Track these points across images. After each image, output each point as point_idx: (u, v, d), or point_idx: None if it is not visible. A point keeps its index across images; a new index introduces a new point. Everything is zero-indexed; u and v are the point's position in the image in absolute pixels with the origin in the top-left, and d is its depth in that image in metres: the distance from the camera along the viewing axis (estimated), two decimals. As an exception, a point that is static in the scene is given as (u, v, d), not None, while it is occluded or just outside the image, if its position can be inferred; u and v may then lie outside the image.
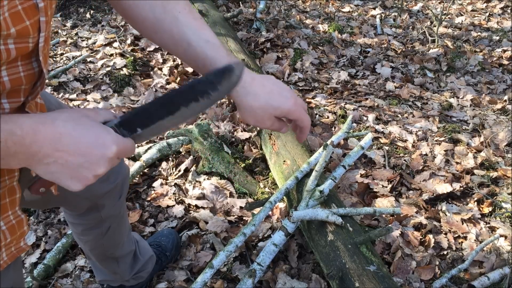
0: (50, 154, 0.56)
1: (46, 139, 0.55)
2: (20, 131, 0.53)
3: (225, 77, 0.68)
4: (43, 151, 0.55)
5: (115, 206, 1.16)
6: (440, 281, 1.53)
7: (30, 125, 0.55)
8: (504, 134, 2.41)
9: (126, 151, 0.62)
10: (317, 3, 4.60)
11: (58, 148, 0.56)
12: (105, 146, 0.59)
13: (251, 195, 1.93)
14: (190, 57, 0.76)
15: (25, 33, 0.55)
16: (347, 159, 1.77)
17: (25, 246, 0.68)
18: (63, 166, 0.57)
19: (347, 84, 3.01)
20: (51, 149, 0.56)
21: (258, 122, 0.77)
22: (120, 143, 0.61)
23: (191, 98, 0.67)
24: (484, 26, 4.32)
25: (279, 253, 1.59)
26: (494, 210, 1.93)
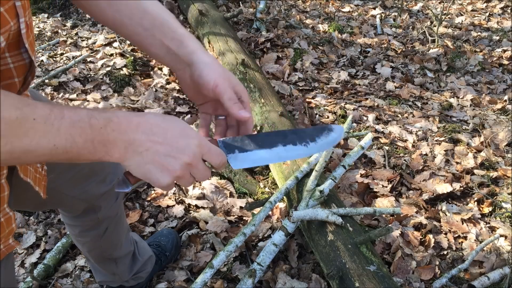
0: (143, 142, 0.59)
1: (139, 128, 0.59)
2: (116, 118, 0.57)
3: (325, 135, 0.76)
4: (137, 138, 0.58)
5: (112, 207, 1.16)
6: (440, 281, 1.53)
7: (124, 115, 0.59)
8: (504, 134, 2.41)
9: (211, 154, 0.65)
10: (317, 3, 4.60)
11: (149, 137, 0.59)
12: (189, 137, 0.62)
13: (251, 195, 1.93)
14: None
15: (3, 21, 0.55)
16: (347, 159, 1.77)
17: (14, 244, 0.68)
18: (154, 155, 0.60)
19: (347, 84, 3.01)
20: (144, 138, 0.59)
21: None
22: (203, 141, 0.64)
23: (290, 141, 0.73)
24: (484, 26, 4.32)
25: (279, 253, 1.59)
26: (494, 210, 1.93)
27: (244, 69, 2.49)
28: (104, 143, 0.56)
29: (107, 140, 0.56)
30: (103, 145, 0.56)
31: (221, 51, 2.75)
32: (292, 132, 0.75)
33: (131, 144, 0.58)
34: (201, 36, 3.14)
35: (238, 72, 2.49)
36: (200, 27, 3.16)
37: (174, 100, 2.60)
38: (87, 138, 0.54)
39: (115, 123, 0.57)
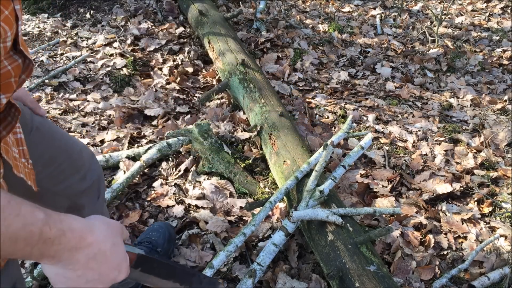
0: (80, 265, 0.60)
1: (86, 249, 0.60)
2: (70, 233, 0.58)
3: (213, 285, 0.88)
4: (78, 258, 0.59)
5: (95, 206, 1.15)
6: (440, 281, 1.53)
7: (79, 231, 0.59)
8: (504, 134, 2.41)
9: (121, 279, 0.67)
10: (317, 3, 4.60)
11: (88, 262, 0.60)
12: (120, 273, 0.65)
13: (251, 195, 1.93)
14: None
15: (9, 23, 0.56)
16: (347, 159, 1.77)
17: None
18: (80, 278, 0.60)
19: (347, 84, 3.01)
20: (83, 261, 0.60)
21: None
22: (126, 270, 0.67)
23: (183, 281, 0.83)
24: (484, 26, 4.32)
25: (279, 253, 1.59)
26: (494, 210, 1.93)
27: (244, 69, 2.49)
28: (43, 252, 0.55)
29: (48, 251, 0.55)
30: (41, 253, 0.55)
31: (221, 51, 2.75)
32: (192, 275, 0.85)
33: (68, 261, 0.58)
34: (201, 36, 3.14)
35: (238, 72, 2.49)
36: (200, 27, 3.17)
37: (174, 100, 2.60)
38: (30, 243, 0.53)
39: (67, 239, 0.57)
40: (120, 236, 0.67)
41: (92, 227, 0.62)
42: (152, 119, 2.44)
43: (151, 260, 0.79)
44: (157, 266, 0.81)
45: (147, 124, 2.41)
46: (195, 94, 2.72)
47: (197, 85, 2.85)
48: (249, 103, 2.28)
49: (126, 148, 2.16)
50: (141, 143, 2.23)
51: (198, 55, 3.13)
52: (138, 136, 2.27)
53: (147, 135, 2.28)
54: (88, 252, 0.60)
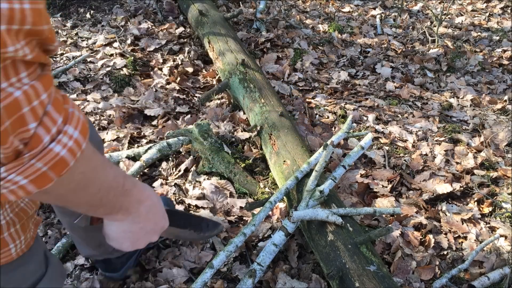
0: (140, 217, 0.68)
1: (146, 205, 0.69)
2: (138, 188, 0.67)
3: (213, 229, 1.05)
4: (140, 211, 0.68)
5: None
6: (440, 281, 1.52)
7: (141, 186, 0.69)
8: (504, 134, 2.41)
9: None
10: (317, 3, 4.60)
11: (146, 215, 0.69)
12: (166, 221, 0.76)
13: (251, 195, 1.93)
14: None
15: None
16: (347, 159, 1.77)
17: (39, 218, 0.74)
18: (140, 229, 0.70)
19: (347, 84, 3.01)
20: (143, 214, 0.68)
21: None
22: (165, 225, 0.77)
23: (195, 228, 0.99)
24: (484, 26, 4.32)
25: (279, 253, 1.59)
26: (494, 210, 1.93)
27: (244, 69, 2.49)
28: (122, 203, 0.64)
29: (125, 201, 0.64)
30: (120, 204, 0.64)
31: (221, 51, 2.75)
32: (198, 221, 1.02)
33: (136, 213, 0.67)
34: (201, 36, 3.14)
35: (238, 72, 2.49)
36: (200, 27, 3.17)
37: (174, 100, 2.60)
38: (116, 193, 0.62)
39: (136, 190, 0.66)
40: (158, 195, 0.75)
41: (144, 184, 0.70)
42: (152, 119, 2.44)
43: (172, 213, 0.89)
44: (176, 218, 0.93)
45: (147, 124, 2.41)
46: (195, 94, 2.72)
47: (197, 85, 2.85)
48: (249, 103, 2.28)
49: (126, 148, 2.16)
50: (141, 143, 2.23)
51: (198, 55, 3.13)
52: (138, 136, 2.27)
53: (147, 135, 2.28)
54: (146, 205, 0.68)
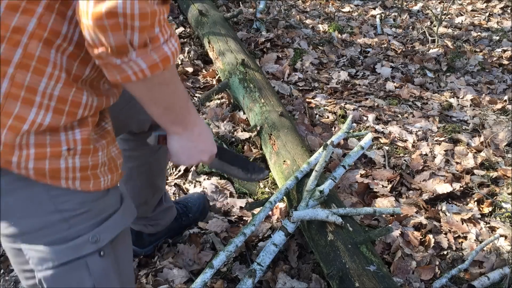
0: (193, 136, 0.91)
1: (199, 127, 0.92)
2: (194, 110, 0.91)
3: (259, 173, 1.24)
4: (195, 130, 0.91)
5: None
6: (440, 281, 1.52)
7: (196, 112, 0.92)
8: (504, 134, 2.41)
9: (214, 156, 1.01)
10: (317, 3, 4.60)
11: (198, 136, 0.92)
12: (214, 148, 0.98)
13: (251, 195, 1.93)
14: None
15: None
16: (347, 159, 1.77)
17: (123, 172, 0.87)
18: (193, 147, 0.93)
19: (347, 84, 3.01)
20: (196, 134, 0.92)
21: None
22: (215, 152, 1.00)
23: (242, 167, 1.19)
24: (484, 26, 4.32)
25: (279, 253, 1.59)
26: (494, 210, 1.93)
27: (244, 69, 2.49)
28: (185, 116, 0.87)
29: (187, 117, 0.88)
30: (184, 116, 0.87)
31: (221, 51, 2.75)
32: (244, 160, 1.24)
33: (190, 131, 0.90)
34: (201, 36, 3.14)
35: (238, 72, 2.49)
36: (200, 27, 3.17)
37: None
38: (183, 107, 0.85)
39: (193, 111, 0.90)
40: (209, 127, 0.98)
41: (200, 116, 0.94)
42: (152, 119, 2.44)
43: (224, 150, 1.10)
44: (227, 155, 1.12)
45: (147, 124, 2.41)
46: (195, 94, 2.72)
47: (197, 85, 2.85)
48: (249, 103, 2.28)
49: (126, 148, 2.16)
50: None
51: (198, 55, 3.13)
52: (138, 136, 2.27)
53: (147, 135, 2.28)
54: (198, 129, 0.92)
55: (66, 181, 0.70)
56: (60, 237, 0.71)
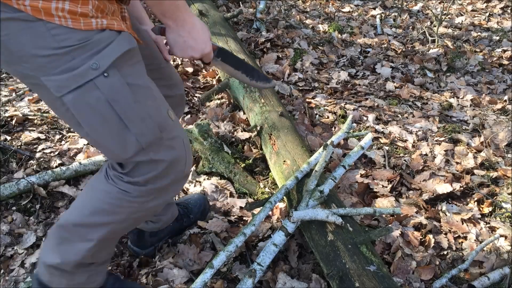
0: (184, 32, 1.05)
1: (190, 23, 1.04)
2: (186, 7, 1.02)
3: (266, 81, 1.31)
4: (185, 25, 1.04)
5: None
6: (440, 281, 1.53)
7: (189, 10, 1.04)
8: (504, 134, 2.41)
9: (208, 57, 1.14)
10: (317, 3, 4.60)
11: (189, 32, 1.05)
12: (205, 47, 1.09)
13: (251, 195, 1.93)
14: None
15: None
16: (347, 159, 1.77)
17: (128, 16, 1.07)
18: (183, 42, 1.06)
19: (347, 84, 3.02)
20: (187, 30, 1.05)
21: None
22: (209, 51, 1.11)
23: (246, 73, 1.28)
24: (484, 26, 4.32)
25: (279, 253, 1.59)
26: (494, 210, 1.93)
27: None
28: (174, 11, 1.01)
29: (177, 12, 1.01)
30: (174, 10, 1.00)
31: (221, 51, 2.74)
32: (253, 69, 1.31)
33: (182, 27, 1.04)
34: (201, 36, 3.14)
35: (238, 72, 2.49)
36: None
37: (174, 100, 2.60)
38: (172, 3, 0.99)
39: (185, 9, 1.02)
40: (207, 31, 1.10)
41: (196, 18, 1.06)
42: (152, 119, 2.44)
43: (227, 52, 1.22)
44: (231, 58, 1.24)
45: (147, 124, 2.41)
46: (195, 94, 2.72)
47: (197, 85, 2.85)
48: (249, 103, 2.28)
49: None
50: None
51: None
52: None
53: (147, 135, 2.28)
54: (189, 26, 1.04)
55: (59, 19, 0.84)
56: (67, 67, 0.87)
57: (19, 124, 2.25)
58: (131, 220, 1.12)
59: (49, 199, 1.83)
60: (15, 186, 1.79)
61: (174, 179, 1.08)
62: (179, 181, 1.12)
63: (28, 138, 2.13)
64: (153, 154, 1.00)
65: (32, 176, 1.85)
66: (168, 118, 1.03)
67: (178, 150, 1.06)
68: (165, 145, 1.02)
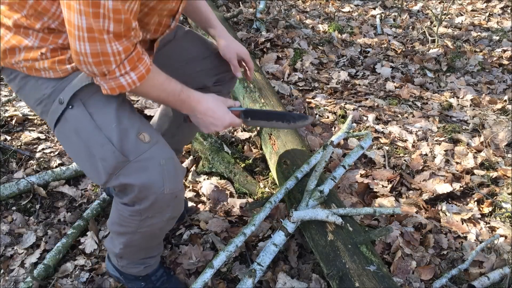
0: (201, 114, 1.19)
1: (201, 107, 1.18)
2: (192, 97, 1.16)
3: (303, 119, 1.36)
4: (198, 110, 1.18)
5: None
6: (440, 281, 1.52)
7: (197, 96, 1.17)
8: (504, 134, 2.41)
9: (234, 124, 1.25)
10: (317, 3, 4.61)
11: (205, 113, 1.19)
12: (224, 120, 1.21)
13: (251, 195, 1.93)
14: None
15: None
16: (347, 159, 1.77)
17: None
18: (204, 122, 1.21)
19: (347, 84, 3.01)
20: (202, 112, 1.18)
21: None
22: (231, 120, 1.22)
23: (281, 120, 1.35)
24: (484, 26, 4.32)
25: (279, 253, 1.59)
26: (494, 210, 1.93)
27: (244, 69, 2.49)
28: (182, 105, 1.16)
29: (184, 105, 1.16)
30: (181, 105, 1.16)
31: (221, 51, 2.74)
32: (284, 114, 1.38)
33: (193, 110, 1.18)
34: (201, 36, 3.14)
35: (238, 72, 2.49)
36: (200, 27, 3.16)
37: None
38: (176, 100, 1.14)
39: (190, 100, 1.15)
40: (221, 102, 1.21)
41: (203, 96, 1.18)
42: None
43: (253, 111, 1.31)
44: (258, 114, 1.32)
45: (147, 124, 2.41)
46: (195, 94, 2.73)
47: (197, 85, 2.85)
48: (249, 103, 2.28)
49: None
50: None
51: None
52: (138, 136, 2.27)
53: (147, 135, 2.28)
54: (202, 108, 1.17)
55: (44, 72, 1.04)
56: (49, 106, 1.07)
57: (19, 124, 2.25)
58: (140, 234, 1.18)
59: (49, 199, 1.83)
60: (15, 186, 1.79)
61: (156, 200, 1.06)
62: (166, 200, 1.08)
63: (28, 138, 2.13)
64: (123, 178, 1.03)
65: (32, 176, 1.85)
66: (137, 141, 1.03)
67: (151, 172, 1.03)
68: (134, 168, 1.02)
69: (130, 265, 1.36)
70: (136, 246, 1.28)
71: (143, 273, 1.39)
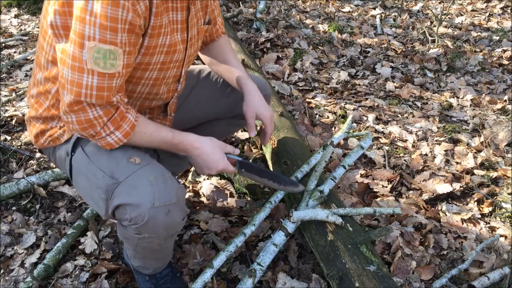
0: (195, 157, 1.23)
1: (196, 151, 1.22)
2: (186, 142, 1.21)
3: (293, 185, 1.41)
4: (193, 154, 1.23)
5: None
6: (440, 281, 1.53)
7: (191, 140, 1.22)
8: (504, 134, 2.41)
9: (227, 171, 1.28)
10: (317, 3, 4.61)
11: (200, 157, 1.23)
12: (218, 165, 1.24)
13: (251, 195, 1.93)
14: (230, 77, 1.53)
15: None
16: (347, 159, 1.77)
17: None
18: (198, 164, 1.25)
19: (347, 84, 3.02)
20: (196, 156, 1.23)
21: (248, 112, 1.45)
22: (225, 166, 1.26)
23: (272, 180, 1.38)
24: (484, 26, 4.32)
25: (279, 253, 1.59)
26: (494, 210, 1.93)
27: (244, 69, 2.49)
28: (177, 149, 1.21)
29: (178, 149, 1.22)
30: (176, 149, 1.21)
31: (221, 51, 2.74)
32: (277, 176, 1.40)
33: (189, 154, 1.23)
34: (201, 36, 3.14)
35: (238, 72, 2.49)
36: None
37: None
38: (169, 145, 1.19)
39: (184, 144, 1.20)
40: (218, 147, 1.25)
41: (199, 139, 1.22)
42: (152, 119, 2.44)
43: (248, 164, 1.34)
44: (253, 168, 1.34)
45: (147, 124, 2.41)
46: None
47: (197, 85, 2.85)
48: (249, 103, 2.27)
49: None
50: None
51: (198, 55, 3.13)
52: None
53: (147, 135, 2.28)
54: (197, 152, 1.22)
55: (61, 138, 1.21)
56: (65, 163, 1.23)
57: (19, 124, 2.25)
58: (141, 248, 1.24)
59: (49, 199, 1.83)
60: (15, 186, 1.79)
61: (152, 216, 1.06)
62: (159, 217, 1.08)
63: (28, 138, 2.13)
64: (116, 200, 1.07)
65: (32, 176, 1.85)
66: (128, 164, 1.10)
67: (140, 189, 1.06)
68: (125, 187, 1.07)
69: (140, 267, 1.41)
70: (142, 256, 1.32)
71: (152, 274, 1.42)
